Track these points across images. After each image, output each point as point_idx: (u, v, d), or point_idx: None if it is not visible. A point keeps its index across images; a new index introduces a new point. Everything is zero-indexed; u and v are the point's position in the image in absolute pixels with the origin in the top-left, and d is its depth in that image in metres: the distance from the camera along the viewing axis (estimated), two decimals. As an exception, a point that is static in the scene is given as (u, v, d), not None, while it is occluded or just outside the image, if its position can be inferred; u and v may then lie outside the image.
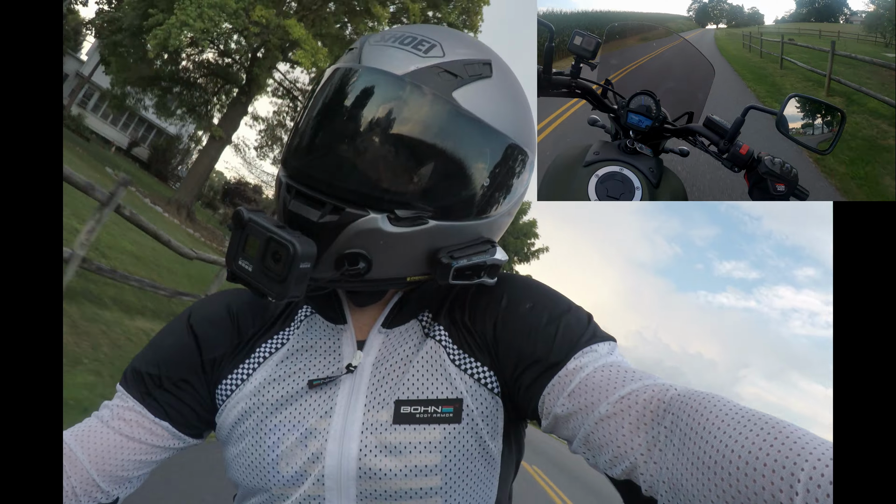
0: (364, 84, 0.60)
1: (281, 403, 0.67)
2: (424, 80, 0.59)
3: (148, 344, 0.74)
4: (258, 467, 0.66)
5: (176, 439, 0.70)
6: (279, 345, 0.71)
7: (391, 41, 0.62)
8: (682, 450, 0.45)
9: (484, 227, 0.65)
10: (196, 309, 0.75)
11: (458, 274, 0.63)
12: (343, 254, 0.59)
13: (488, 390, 0.65)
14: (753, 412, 0.44)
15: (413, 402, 0.64)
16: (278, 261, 0.55)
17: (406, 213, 0.59)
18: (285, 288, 0.55)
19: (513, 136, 0.63)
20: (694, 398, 0.48)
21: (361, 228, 0.58)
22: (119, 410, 0.68)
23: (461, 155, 0.60)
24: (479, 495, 0.66)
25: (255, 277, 0.57)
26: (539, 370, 0.60)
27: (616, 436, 0.52)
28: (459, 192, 0.61)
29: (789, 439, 0.39)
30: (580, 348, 0.59)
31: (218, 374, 0.71)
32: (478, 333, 0.67)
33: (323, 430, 0.64)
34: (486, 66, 0.62)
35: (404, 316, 0.70)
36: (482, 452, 0.65)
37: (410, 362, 0.67)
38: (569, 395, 0.57)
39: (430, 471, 0.62)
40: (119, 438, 0.67)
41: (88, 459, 0.65)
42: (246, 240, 0.58)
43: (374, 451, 0.62)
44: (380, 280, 0.63)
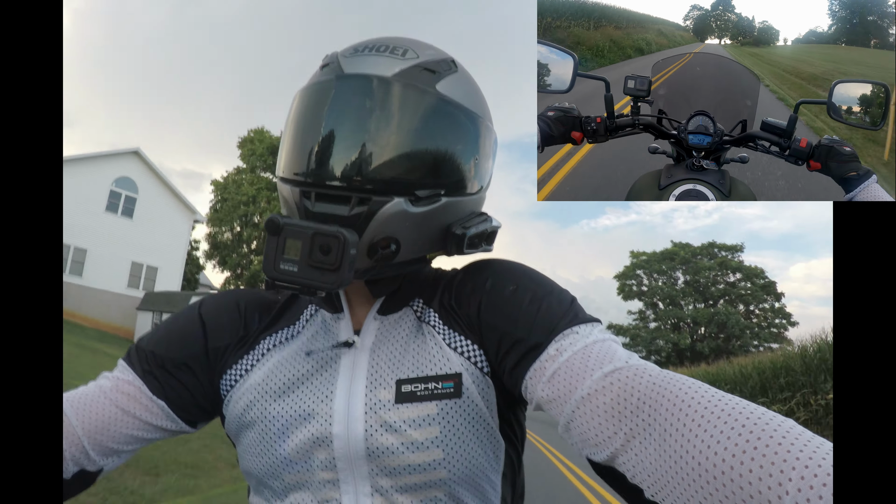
0: (363, 87, 0.66)
1: (283, 391, 0.70)
2: (412, 78, 0.66)
3: (156, 326, 0.77)
4: (268, 456, 0.69)
5: (170, 420, 0.71)
6: (283, 339, 0.74)
7: (366, 51, 0.69)
8: (662, 446, 0.46)
9: (477, 202, 0.74)
10: (207, 300, 0.79)
11: (469, 243, 0.69)
12: (375, 241, 0.64)
13: (479, 370, 0.68)
14: (734, 405, 0.44)
15: (414, 380, 0.67)
16: (328, 252, 0.59)
17: (424, 192, 0.66)
18: (340, 275, 0.59)
19: (485, 117, 0.73)
20: (670, 387, 0.49)
21: (390, 213, 0.63)
22: (119, 382, 0.70)
23: (456, 135, 0.68)
24: (484, 466, 0.68)
25: (304, 275, 0.59)
26: (521, 352, 0.63)
27: (592, 424, 0.53)
28: (461, 166, 0.69)
29: (773, 439, 0.39)
30: (561, 330, 0.61)
31: (221, 364, 0.73)
32: (464, 315, 0.70)
33: (326, 413, 0.67)
34: (452, 63, 0.72)
35: (397, 304, 0.74)
36: (483, 425, 0.68)
37: (408, 345, 0.70)
38: (548, 381, 0.59)
39: (432, 443, 0.65)
40: (115, 410, 0.68)
41: (81, 425, 0.66)
42: (284, 243, 0.60)
43: (380, 430, 0.65)
44: (405, 262, 0.68)
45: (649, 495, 0.47)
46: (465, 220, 0.71)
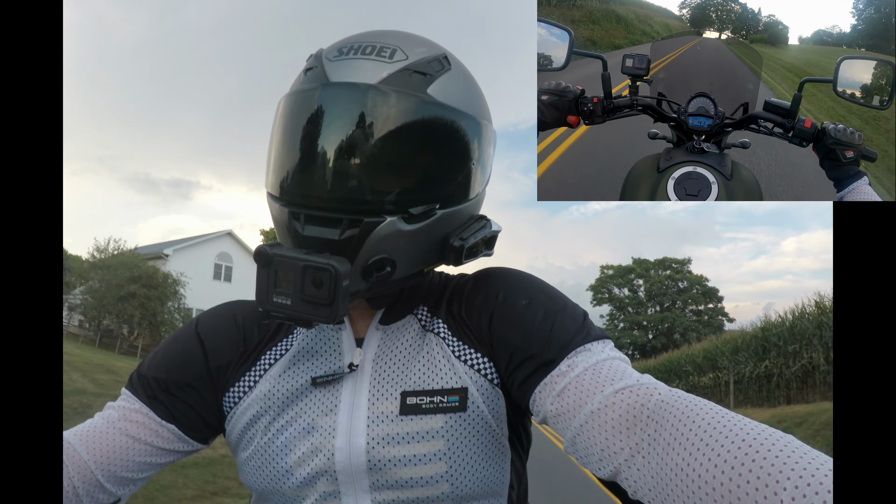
0: (349, 98, 0.62)
1: (286, 404, 0.69)
2: (400, 84, 0.62)
3: (154, 351, 0.75)
4: (269, 469, 0.68)
5: (182, 442, 0.70)
6: (283, 350, 0.73)
7: (352, 54, 0.65)
8: (665, 459, 0.46)
9: (474, 206, 0.71)
10: (203, 318, 0.77)
11: (468, 252, 0.67)
12: (369, 263, 0.62)
13: (488, 381, 0.67)
14: (738, 420, 0.44)
15: (419, 392, 0.66)
16: (320, 286, 0.57)
17: (418, 209, 0.63)
18: (335, 310, 0.57)
19: (481, 117, 0.69)
20: (677, 405, 0.49)
21: (383, 234, 0.61)
22: (125, 412, 0.69)
23: (450, 143, 0.65)
24: (488, 479, 0.67)
25: (297, 309, 0.58)
26: (532, 367, 0.62)
27: (599, 438, 0.53)
28: (456, 176, 0.66)
29: (771, 452, 0.39)
30: (574, 347, 0.61)
31: (224, 381, 0.72)
32: (474, 326, 0.69)
33: (329, 426, 0.66)
34: (445, 60, 0.67)
35: (400, 312, 0.72)
36: (490, 438, 0.67)
37: (414, 356, 0.69)
38: (558, 395, 0.58)
39: (435, 456, 0.64)
40: (125, 439, 0.67)
41: (92, 459, 0.65)
42: (276, 275, 0.58)
43: (382, 442, 0.64)
44: (403, 279, 0.66)
45: None
46: (463, 228, 0.68)
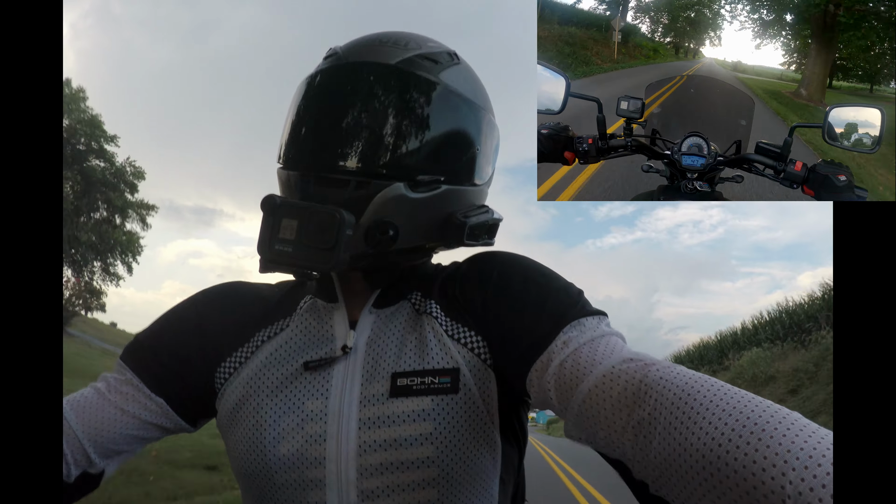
0: (366, 72, 0.66)
1: (277, 387, 0.68)
2: (416, 66, 0.67)
3: (154, 320, 0.76)
4: (258, 450, 0.66)
5: (168, 419, 0.70)
6: (278, 330, 0.73)
7: (367, 44, 0.69)
8: (667, 440, 0.44)
9: (478, 194, 0.74)
10: (203, 292, 0.78)
11: (470, 233, 0.69)
12: (371, 224, 0.63)
13: (481, 360, 0.66)
14: (739, 398, 0.43)
15: (410, 373, 0.65)
16: (324, 231, 0.58)
17: (424, 178, 0.65)
18: (335, 255, 0.58)
19: (486, 109, 0.73)
20: (676, 381, 0.48)
21: (388, 197, 0.63)
22: (116, 383, 0.70)
23: (458, 125, 0.69)
24: (477, 467, 0.66)
25: (298, 255, 0.59)
26: (527, 344, 0.61)
27: (601, 416, 0.51)
28: (461, 155, 0.69)
29: (777, 431, 0.38)
30: (567, 322, 0.60)
31: (217, 355, 0.72)
32: (469, 305, 0.69)
33: (321, 410, 0.66)
34: (455, 55, 0.72)
35: (394, 297, 0.73)
36: (479, 424, 0.66)
37: (406, 338, 0.69)
38: (555, 371, 0.57)
39: (425, 439, 0.63)
40: (114, 411, 0.68)
41: (82, 429, 0.66)
42: (280, 223, 0.59)
43: (373, 426, 0.64)
44: (404, 250, 0.68)
45: (654, 490, 0.46)
46: (466, 210, 0.71)
